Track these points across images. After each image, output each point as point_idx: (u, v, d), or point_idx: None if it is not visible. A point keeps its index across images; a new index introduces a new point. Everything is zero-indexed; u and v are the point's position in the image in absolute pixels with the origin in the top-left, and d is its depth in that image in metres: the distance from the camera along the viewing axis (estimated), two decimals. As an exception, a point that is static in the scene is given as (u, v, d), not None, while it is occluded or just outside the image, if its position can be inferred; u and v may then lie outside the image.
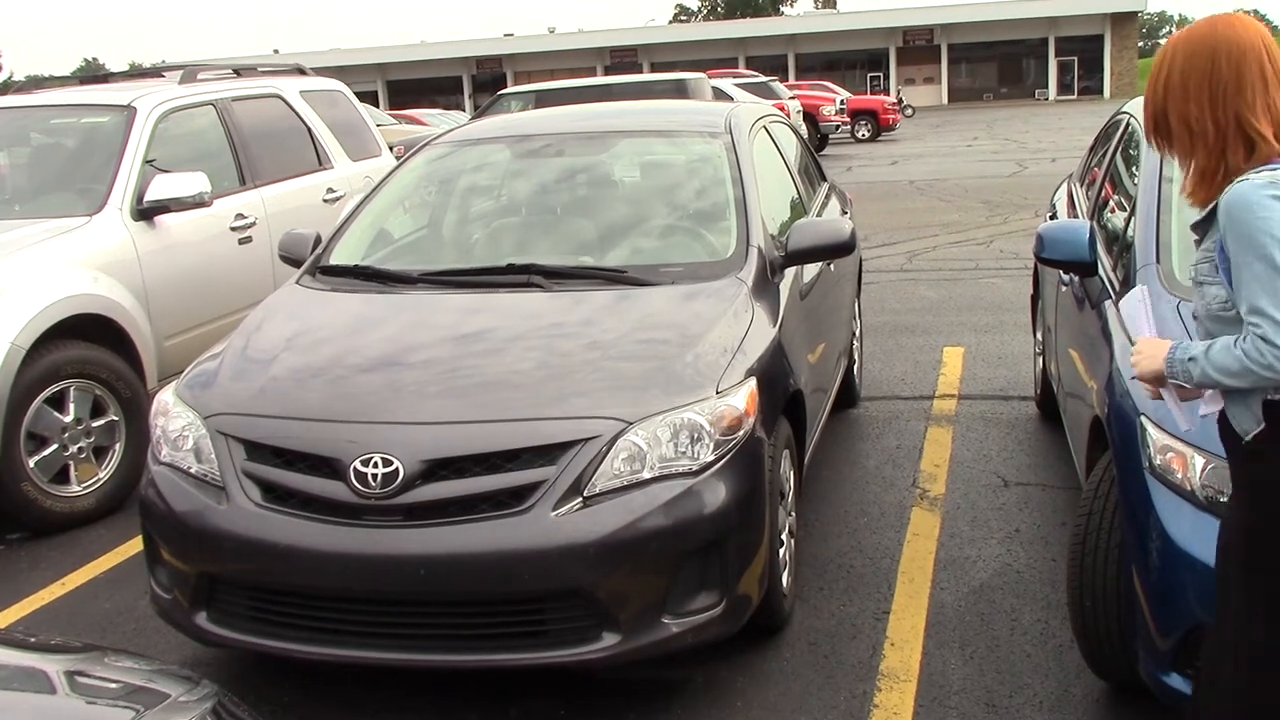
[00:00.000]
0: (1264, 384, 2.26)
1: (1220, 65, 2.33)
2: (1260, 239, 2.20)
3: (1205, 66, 2.35)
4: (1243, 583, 2.39)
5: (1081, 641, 3.42)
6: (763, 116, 5.70)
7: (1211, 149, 2.36)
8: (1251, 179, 2.27)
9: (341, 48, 68.27)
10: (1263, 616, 2.35)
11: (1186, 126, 2.38)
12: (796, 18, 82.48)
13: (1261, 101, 2.31)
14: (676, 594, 3.30)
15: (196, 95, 6.82)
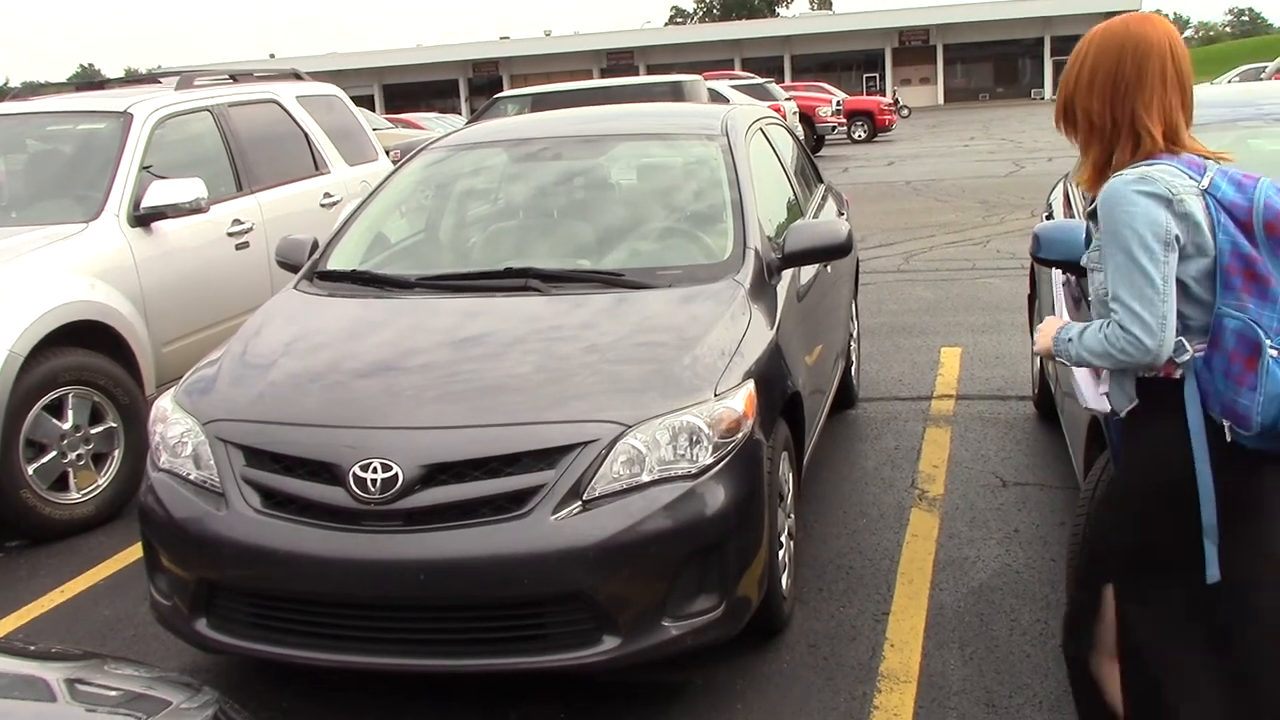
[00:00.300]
0: (1123, 366, 2.42)
1: (1125, 62, 2.44)
2: (1123, 232, 2.33)
3: (1112, 63, 2.45)
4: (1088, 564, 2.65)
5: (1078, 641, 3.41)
6: (759, 119, 5.70)
7: (1106, 142, 2.48)
8: (1124, 174, 2.39)
9: (338, 52, 68.36)
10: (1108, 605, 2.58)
11: (1089, 118, 2.50)
12: (792, 19, 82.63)
13: (1158, 100, 2.43)
14: (676, 597, 3.31)
15: (193, 101, 6.83)
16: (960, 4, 62.77)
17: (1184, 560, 2.44)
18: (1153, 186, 2.35)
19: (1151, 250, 2.32)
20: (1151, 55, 2.43)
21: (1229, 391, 2.31)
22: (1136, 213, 2.33)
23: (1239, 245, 2.32)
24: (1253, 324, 2.29)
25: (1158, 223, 2.32)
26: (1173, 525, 2.44)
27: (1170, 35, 2.47)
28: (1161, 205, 2.33)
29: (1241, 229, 2.33)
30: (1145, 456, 2.49)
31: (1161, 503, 2.46)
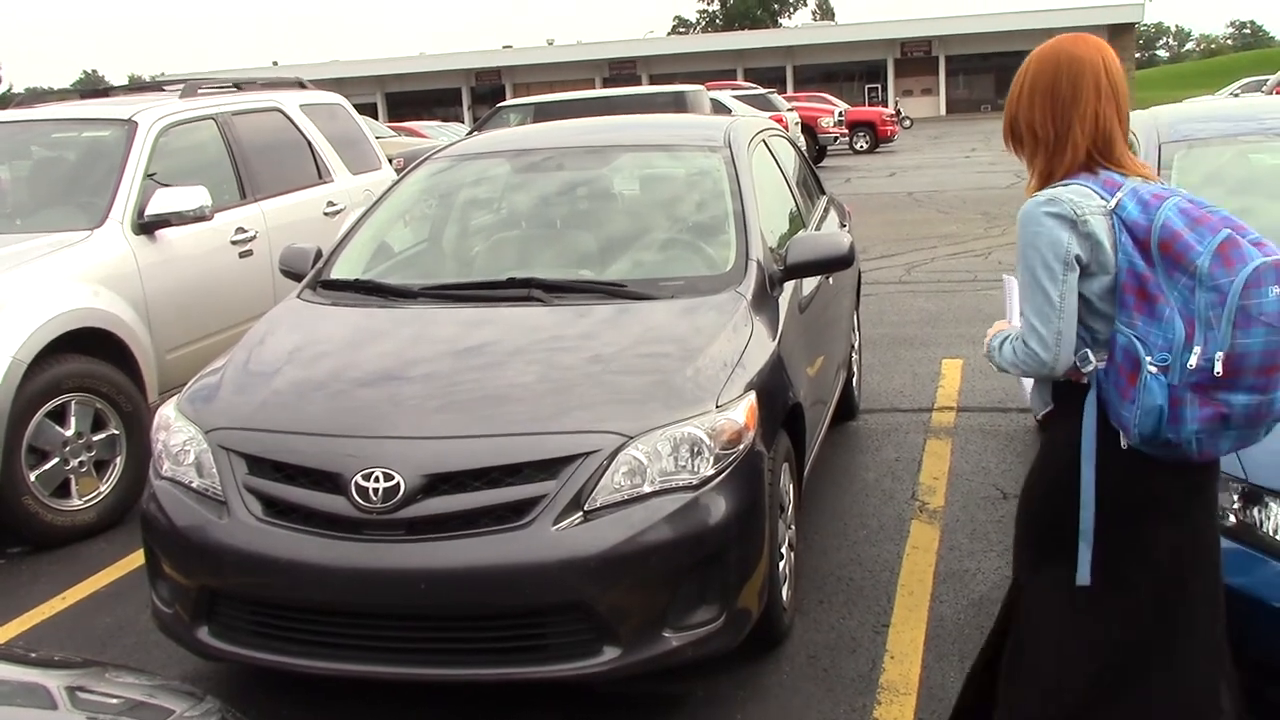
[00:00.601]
0: (1028, 375, 2.56)
1: (1061, 79, 2.56)
2: (1028, 252, 2.47)
3: (1049, 79, 2.57)
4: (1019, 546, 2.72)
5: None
6: (761, 130, 5.72)
7: (1050, 154, 2.58)
8: (1037, 196, 2.52)
9: (341, 60, 68.41)
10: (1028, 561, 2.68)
11: (1033, 132, 2.61)
12: (794, 30, 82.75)
13: (1092, 111, 2.53)
14: (677, 608, 3.31)
15: (197, 109, 6.85)
16: (962, 16, 62.94)
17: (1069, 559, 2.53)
18: (1059, 208, 2.45)
19: (1052, 270, 2.43)
20: (1085, 71, 2.55)
21: (1116, 402, 2.42)
22: (1041, 233, 2.45)
23: (1135, 264, 2.40)
24: (1137, 340, 2.38)
25: (1059, 243, 2.42)
26: (1059, 524, 2.54)
27: (1103, 52, 2.60)
28: (1066, 226, 2.43)
29: (1139, 248, 2.41)
30: (1047, 456, 2.63)
31: (1052, 501, 2.58)
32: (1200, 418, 2.34)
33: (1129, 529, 2.49)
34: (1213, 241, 2.33)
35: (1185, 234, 2.36)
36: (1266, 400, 2.35)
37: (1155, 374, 2.35)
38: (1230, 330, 2.29)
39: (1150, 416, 2.36)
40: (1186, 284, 2.34)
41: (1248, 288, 2.28)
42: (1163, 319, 2.36)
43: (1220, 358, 2.29)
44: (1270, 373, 2.32)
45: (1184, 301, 2.34)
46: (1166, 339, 2.35)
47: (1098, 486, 2.48)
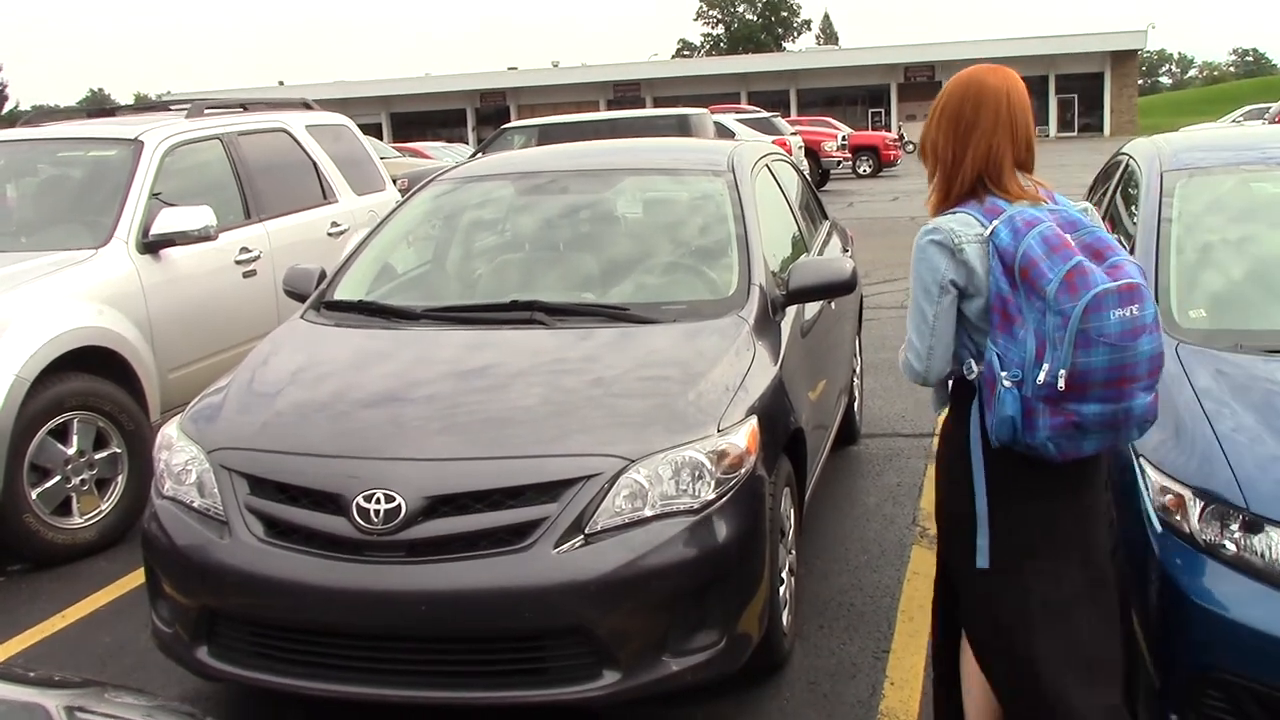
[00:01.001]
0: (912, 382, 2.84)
1: (965, 105, 2.76)
2: (913, 276, 2.73)
3: (956, 105, 2.78)
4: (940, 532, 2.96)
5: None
6: (765, 154, 5.74)
7: (947, 175, 2.79)
8: (926, 224, 2.74)
9: (346, 80, 68.62)
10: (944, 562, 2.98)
11: (935, 152, 2.81)
12: (798, 54, 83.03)
13: (985, 140, 2.73)
14: (677, 632, 3.31)
15: (203, 129, 6.88)
16: (965, 42, 62.99)
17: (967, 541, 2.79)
18: (940, 237, 2.68)
19: (929, 293, 2.70)
20: (986, 100, 2.75)
21: (985, 410, 2.69)
22: (923, 259, 2.71)
23: (1001, 287, 2.63)
24: (997, 357, 2.63)
25: (936, 269, 2.68)
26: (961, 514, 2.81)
27: (1009, 84, 2.80)
28: (945, 254, 2.67)
29: (1006, 273, 2.62)
30: (945, 453, 2.88)
31: (953, 494, 2.85)
32: (1052, 425, 2.58)
33: (1018, 515, 2.74)
34: (1062, 269, 2.53)
35: (1041, 262, 2.55)
36: (1122, 408, 2.57)
37: (1009, 387, 2.61)
38: (1071, 351, 2.51)
39: (1005, 425, 2.62)
40: (1040, 307, 2.55)
41: (1088, 312, 2.49)
42: (1018, 339, 2.60)
43: (1063, 375, 2.52)
44: (1119, 385, 2.54)
45: (1038, 323, 2.56)
46: (1020, 357, 2.59)
47: (987, 479, 2.73)
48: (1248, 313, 3.86)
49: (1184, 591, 2.88)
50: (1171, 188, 4.28)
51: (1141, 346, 2.54)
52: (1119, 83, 60.80)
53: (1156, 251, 3.96)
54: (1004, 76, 2.82)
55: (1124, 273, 2.55)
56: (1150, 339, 2.56)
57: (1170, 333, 3.60)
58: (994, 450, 2.70)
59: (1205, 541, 2.90)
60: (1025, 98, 2.82)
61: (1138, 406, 2.58)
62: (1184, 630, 2.88)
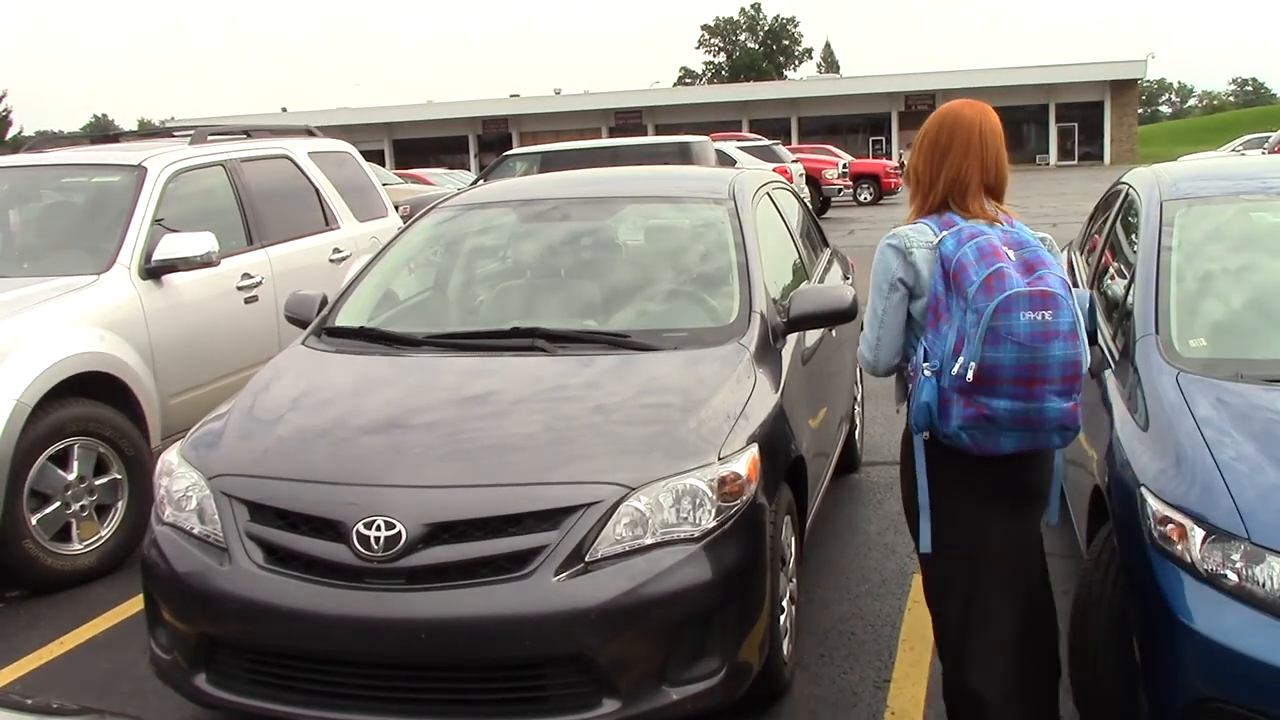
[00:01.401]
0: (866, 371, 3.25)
1: (942, 134, 3.10)
2: (872, 275, 3.10)
3: (934, 133, 3.12)
4: None
5: (1082, 712, 3.40)
6: (766, 183, 5.76)
7: (924, 194, 3.12)
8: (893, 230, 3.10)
9: (349, 107, 68.86)
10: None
11: (916, 175, 3.16)
12: (799, 82, 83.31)
13: (956, 165, 3.06)
14: (677, 661, 3.30)
15: (206, 156, 6.91)
16: (965, 70, 63.34)
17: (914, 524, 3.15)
18: (895, 241, 3.07)
19: (880, 289, 3.08)
20: (959, 130, 3.08)
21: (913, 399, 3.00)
22: (880, 260, 3.07)
23: (938, 289, 2.95)
24: (924, 350, 2.96)
25: (888, 269, 3.05)
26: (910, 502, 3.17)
27: (983, 117, 3.11)
28: (897, 255, 3.04)
29: (944, 276, 2.94)
30: (903, 446, 3.23)
31: (905, 483, 3.21)
32: (964, 415, 2.88)
33: (953, 509, 3.05)
34: (985, 272, 2.83)
35: (970, 266, 2.87)
36: (1033, 407, 2.84)
37: (928, 376, 2.93)
38: (981, 346, 2.80)
39: (921, 410, 2.94)
40: (962, 306, 2.87)
41: (998, 311, 2.79)
42: (941, 334, 2.93)
43: (973, 367, 2.81)
44: (1029, 384, 2.81)
45: (960, 320, 2.87)
46: (941, 349, 2.91)
47: (928, 471, 3.06)
48: (1248, 342, 3.87)
49: (1185, 621, 2.87)
50: (1171, 217, 4.29)
51: (1053, 351, 2.80)
52: (1119, 112, 61.00)
53: (1156, 280, 3.97)
54: (979, 110, 3.13)
55: (1044, 282, 2.83)
56: (1063, 345, 2.80)
57: (1171, 361, 3.61)
58: (933, 443, 3.01)
59: (1207, 571, 2.89)
60: (998, 130, 3.11)
61: (1051, 409, 2.84)
62: (1185, 660, 2.87)
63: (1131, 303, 4.01)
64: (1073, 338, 2.82)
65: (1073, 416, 2.89)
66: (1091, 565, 3.40)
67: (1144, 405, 3.52)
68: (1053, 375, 2.81)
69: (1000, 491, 3.04)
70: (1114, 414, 3.71)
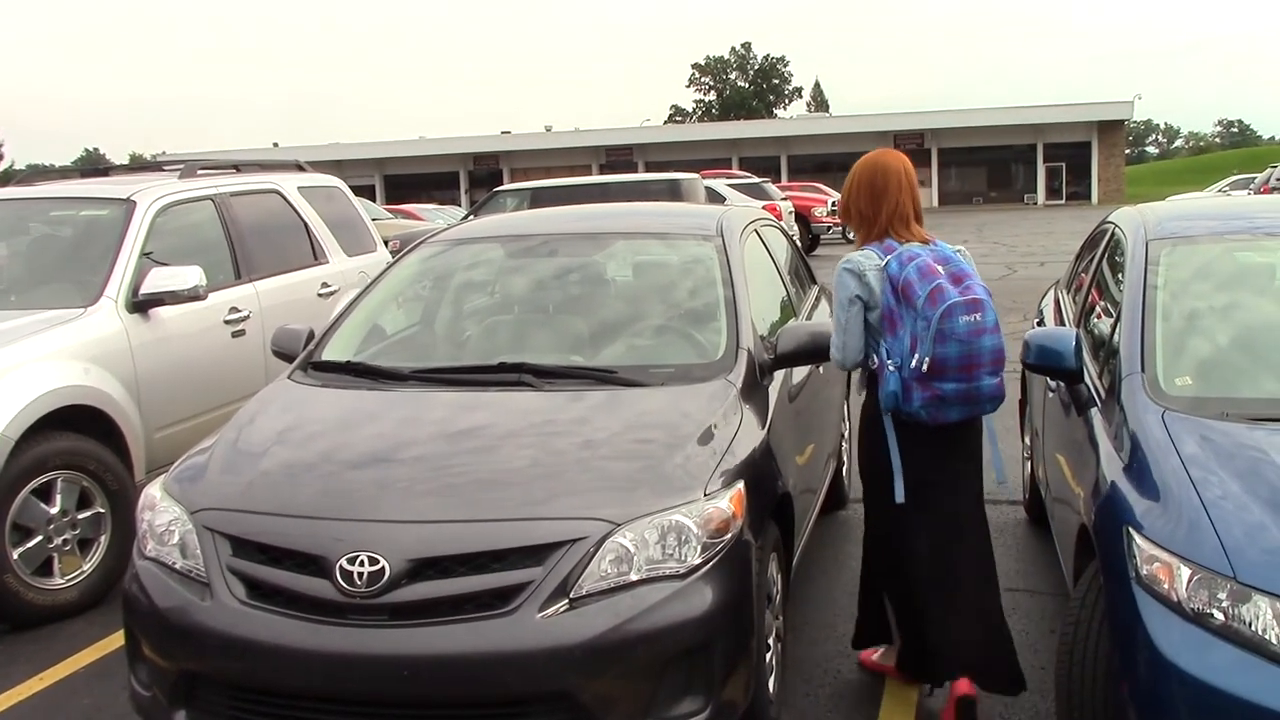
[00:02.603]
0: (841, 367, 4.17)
1: (877, 178, 4.00)
2: (834, 293, 3.95)
3: (868, 178, 4.02)
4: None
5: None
6: (754, 220, 5.78)
7: (869, 226, 4.00)
8: (851, 255, 3.95)
9: (340, 142, 69.08)
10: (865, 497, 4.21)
11: (859, 212, 4.04)
12: (789, 120, 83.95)
13: (894, 199, 3.96)
14: (661, 699, 3.27)
15: (195, 190, 6.91)
16: (954, 110, 63.77)
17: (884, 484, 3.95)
18: (851, 265, 3.90)
19: (842, 304, 3.92)
20: (890, 174, 3.98)
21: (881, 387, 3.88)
22: (840, 281, 3.92)
23: (889, 302, 3.82)
24: (885, 350, 3.84)
25: (847, 288, 3.91)
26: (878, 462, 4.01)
27: (903, 163, 4.05)
28: (853, 277, 3.89)
29: (893, 292, 3.80)
30: (864, 422, 4.13)
31: (873, 447, 4.04)
32: (923, 398, 3.77)
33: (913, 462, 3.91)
34: (927, 288, 3.72)
35: (915, 284, 3.74)
36: (972, 386, 3.77)
37: (893, 371, 3.80)
38: (932, 345, 3.70)
39: (889, 397, 3.82)
40: (912, 315, 3.75)
41: (943, 318, 3.68)
42: (899, 337, 3.79)
43: (927, 361, 3.70)
44: (968, 370, 3.73)
45: (912, 326, 3.75)
46: (900, 350, 3.79)
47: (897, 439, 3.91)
48: (1233, 380, 3.88)
49: (1171, 661, 2.85)
50: (1157, 256, 4.31)
51: (984, 343, 3.74)
52: (1106, 152, 61.42)
53: (1142, 319, 3.98)
54: (898, 157, 4.07)
55: (972, 291, 3.75)
56: (990, 338, 3.76)
57: (1156, 400, 3.62)
58: (896, 419, 3.88)
59: (1193, 610, 2.88)
60: (914, 173, 4.07)
61: (985, 386, 3.79)
62: (1172, 699, 2.85)
63: (1118, 341, 4.02)
64: (996, 331, 3.78)
65: (1000, 389, 3.84)
66: (1079, 604, 3.38)
67: (1130, 443, 3.52)
68: (985, 361, 3.75)
69: (948, 449, 3.95)
70: (1100, 452, 3.71)
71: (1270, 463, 3.22)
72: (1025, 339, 4.32)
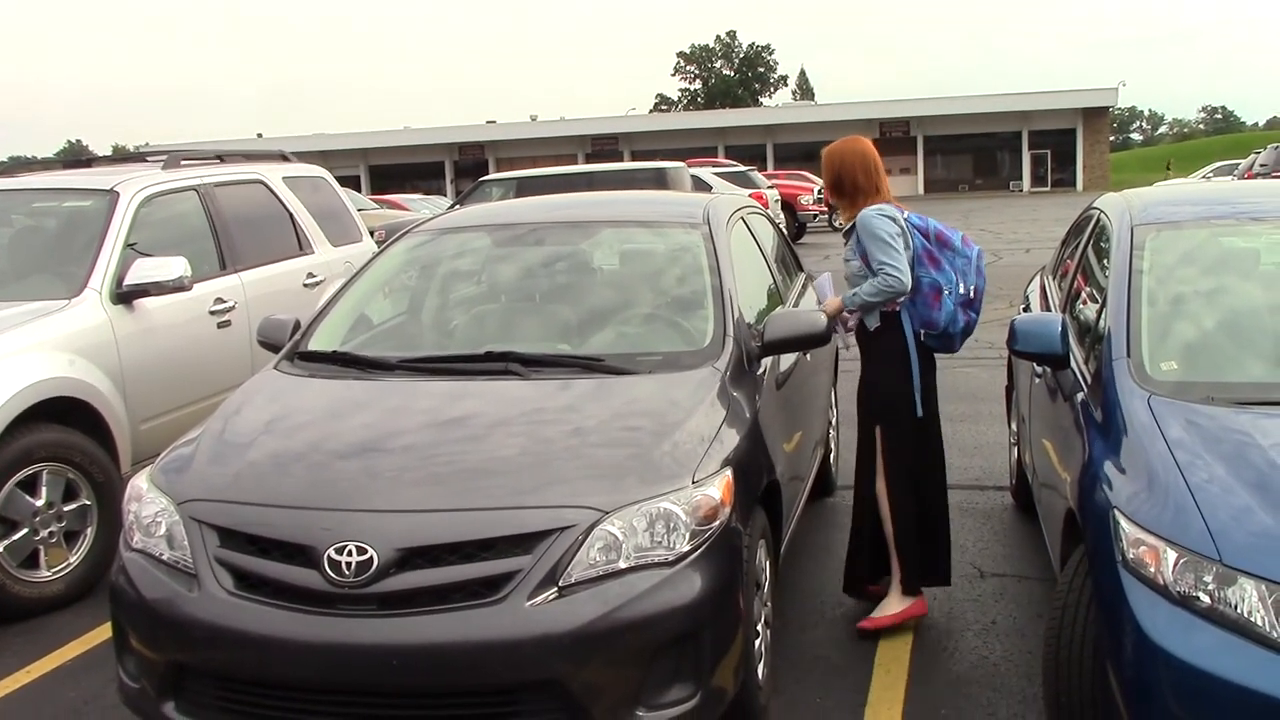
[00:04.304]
0: (886, 299, 4.58)
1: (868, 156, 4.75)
2: (879, 232, 4.55)
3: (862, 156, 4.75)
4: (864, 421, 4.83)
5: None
6: (740, 208, 5.77)
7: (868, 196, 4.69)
8: (870, 208, 4.62)
9: (325, 132, 68.83)
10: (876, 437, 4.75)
11: (855, 185, 4.72)
12: (775, 109, 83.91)
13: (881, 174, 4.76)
14: (650, 686, 3.28)
15: (179, 180, 6.87)
16: (940, 98, 63.80)
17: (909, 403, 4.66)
18: (886, 211, 4.61)
19: (894, 236, 4.55)
20: (870, 153, 4.76)
21: (926, 312, 4.63)
22: (881, 222, 4.58)
23: (924, 242, 4.65)
24: (937, 279, 4.61)
25: (894, 223, 4.59)
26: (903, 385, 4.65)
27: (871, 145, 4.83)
28: (890, 220, 4.58)
29: (923, 235, 4.66)
30: (884, 352, 4.69)
31: (897, 374, 4.65)
32: (964, 320, 4.70)
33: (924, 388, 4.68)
34: (958, 234, 4.73)
35: (944, 230, 4.73)
36: (978, 317, 4.77)
37: (947, 295, 4.62)
38: (976, 276, 4.72)
39: (950, 316, 4.61)
40: (950, 255, 4.68)
41: (979, 257, 4.75)
42: (944, 270, 4.63)
43: (973, 289, 4.71)
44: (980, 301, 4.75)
45: (951, 262, 4.67)
46: (949, 281, 4.63)
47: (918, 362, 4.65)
48: (1219, 365, 3.89)
49: (1158, 643, 2.87)
50: (1142, 241, 4.31)
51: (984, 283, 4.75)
52: (1091, 139, 61.57)
53: (1128, 304, 3.99)
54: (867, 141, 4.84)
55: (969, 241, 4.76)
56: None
57: (1142, 384, 3.63)
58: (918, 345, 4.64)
59: (1179, 593, 2.89)
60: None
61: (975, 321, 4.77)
62: (1158, 682, 2.87)
63: (1103, 326, 4.03)
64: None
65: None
66: (1065, 589, 3.40)
67: (1116, 428, 3.53)
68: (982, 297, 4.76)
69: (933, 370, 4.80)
70: (1086, 437, 3.72)
71: (1255, 446, 3.23)
72: (1011, 325, 4.33)
